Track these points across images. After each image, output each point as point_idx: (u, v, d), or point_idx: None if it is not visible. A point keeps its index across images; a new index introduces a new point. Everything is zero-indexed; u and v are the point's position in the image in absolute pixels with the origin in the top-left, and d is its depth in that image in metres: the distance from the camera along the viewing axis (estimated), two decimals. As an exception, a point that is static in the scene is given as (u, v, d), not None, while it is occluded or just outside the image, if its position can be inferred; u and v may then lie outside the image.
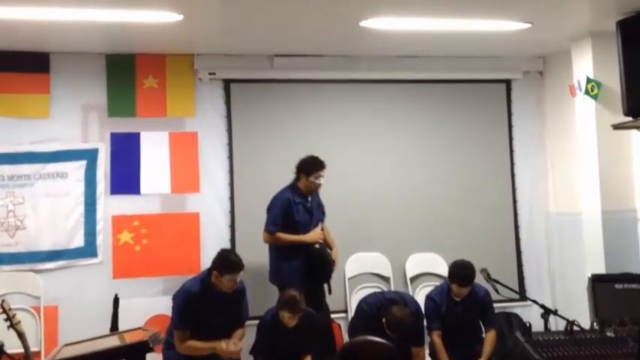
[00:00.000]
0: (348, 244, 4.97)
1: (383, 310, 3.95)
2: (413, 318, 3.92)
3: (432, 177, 5.39)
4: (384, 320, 3.87)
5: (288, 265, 4.37)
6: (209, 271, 3.86)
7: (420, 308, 4.23)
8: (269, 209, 4.45)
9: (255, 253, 4.52)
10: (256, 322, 4.20)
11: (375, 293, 4.47)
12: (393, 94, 5.36)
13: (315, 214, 4.49)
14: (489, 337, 4.25)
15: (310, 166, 4.38)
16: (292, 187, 4.43)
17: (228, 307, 3.87)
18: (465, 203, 5.41)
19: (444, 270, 4.94)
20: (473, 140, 5.48)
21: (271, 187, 4.63)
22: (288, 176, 4.58)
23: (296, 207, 4.36)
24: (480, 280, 4.18)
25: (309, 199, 4.48)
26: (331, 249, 4.49)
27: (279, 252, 4.44)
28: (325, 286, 4.49)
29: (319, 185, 4.41)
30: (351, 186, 5.13)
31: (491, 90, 5.60)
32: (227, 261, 3.81)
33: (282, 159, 4.88)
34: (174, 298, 3.91)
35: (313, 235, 4.38)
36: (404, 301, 4.10)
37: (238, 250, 4.60)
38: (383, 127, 5.33)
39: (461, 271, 4.13)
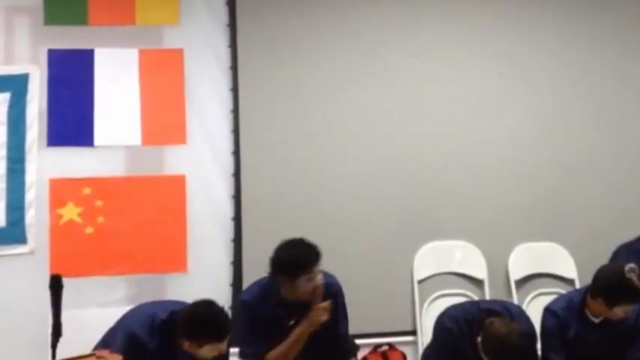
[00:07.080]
0: (416, 229, 4.29)
1: (477, 325, 3.34)
2: (526, 339, 3.23)
3: (548, 128, 4.54)
4: (479, 340, 3.26)
5: None
6: (171, 323, 3.02)
7: (534, 328, 3.49)
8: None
9: (273, 240, 3.48)
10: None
11: (463, 304, 3.75)
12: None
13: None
14: None
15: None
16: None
17: None
18: (600, 168, 4.57)
19: (570, 270, 4.29)
20: (614, 74, 4.57)
21: (298, 137, 4.21)
22: (326, 121, 4.15)
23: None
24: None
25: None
26: None
27: None
28: None
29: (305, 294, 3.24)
30: (420, 139, 4.40)
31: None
32: (206, 325, 2.93)
33: (315, 92, 4.30)
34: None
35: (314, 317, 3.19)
36: (509, 313, 3.47)
37: (246, 236, 4.09)
38: (469, 50, 4.51)
39: (620, 283, 3.33)
